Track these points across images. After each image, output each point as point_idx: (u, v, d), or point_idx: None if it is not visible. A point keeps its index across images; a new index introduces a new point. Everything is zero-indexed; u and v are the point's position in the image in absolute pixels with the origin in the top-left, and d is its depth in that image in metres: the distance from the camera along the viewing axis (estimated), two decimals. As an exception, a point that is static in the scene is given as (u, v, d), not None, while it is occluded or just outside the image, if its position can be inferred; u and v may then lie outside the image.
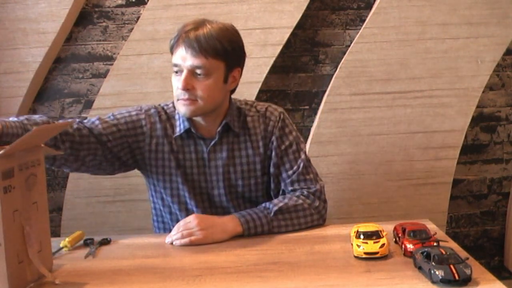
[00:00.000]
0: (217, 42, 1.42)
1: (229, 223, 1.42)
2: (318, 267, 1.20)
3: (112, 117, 1.53)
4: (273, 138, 1.55)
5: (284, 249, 1.33)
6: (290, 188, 1.54)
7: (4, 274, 1.06)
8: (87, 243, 1.43)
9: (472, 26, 2.07)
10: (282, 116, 1.58)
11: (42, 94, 2.12)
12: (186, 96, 1.43)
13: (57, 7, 2.00)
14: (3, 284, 1.06)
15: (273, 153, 1.55)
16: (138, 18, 2.06)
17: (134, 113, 1.55)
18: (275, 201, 1.50)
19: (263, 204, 1.49)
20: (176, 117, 1.54)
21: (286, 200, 1.49)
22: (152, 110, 1.56)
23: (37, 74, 2.04)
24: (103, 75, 2.09)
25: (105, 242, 1.44)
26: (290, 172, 1.54)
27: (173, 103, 1.56)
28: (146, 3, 2.06)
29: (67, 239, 1.41)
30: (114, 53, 2.10)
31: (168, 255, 1.34)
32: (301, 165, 1.55)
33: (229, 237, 1.41)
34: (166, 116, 1.55)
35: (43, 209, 1.22)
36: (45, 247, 1.21)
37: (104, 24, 2.10)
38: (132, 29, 2.05)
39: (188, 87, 1.42)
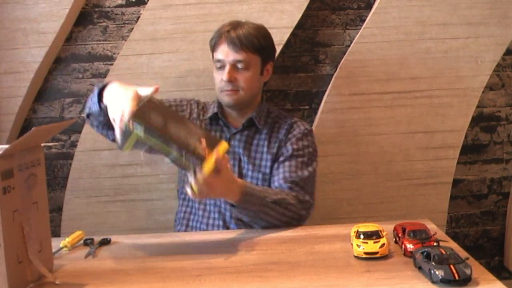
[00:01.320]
0: (255, 39, 1.65)
1: (235, 191, 1.43)
2: (318, 267, 1.20)
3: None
4: (289, 143, 1.67)
5: (284, 249, 1.34)
6: (287, 185, 1.59)
7: (4, 274, 1.06)
8: (87, 243, 1.44)
9: (472, 26, 2.07)
10: (306, 131, 1.73)
11: (42, 94, 2.12)
12: (230, 87, 1.64)
13: (57, 7, 2.00)
14: (3, 284, 1.06)
15: (285, 155, 1.65)
16: (138, 18, 2.06)
17: (178, 98, 1.81)
18: (276, 190, 1.55)
19: (267, 188, 1.57)
20: (208, 107, 1.78)
21: (284, 195, 1.53)
22: (192, 101, 1.81)
23: (37, 74, 2.04)
24: (103, 75, 2.09)
25: (105, 242, 1.44)
26: (293, 174, 1.60)
27: (206, 101, 1.82)
28: (146, 3, 2.06)
29: (67, 239, 1.42)
30: (114, 53, 2.10)
31: (168, 255, 1.34)
32: (306, 174, 1.62)
33: (227, 194, 1.44)
34: (202, 107, 1.79)
35: (43, 209, 1.22)
36: (46, 247, 1.22)
37: (104, 24, 2.10)
38: (132, 29, 2.05)
39: (231, 79, 1.63)
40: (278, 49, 2.04)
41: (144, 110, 1.23)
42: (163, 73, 2.05)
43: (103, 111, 1.40)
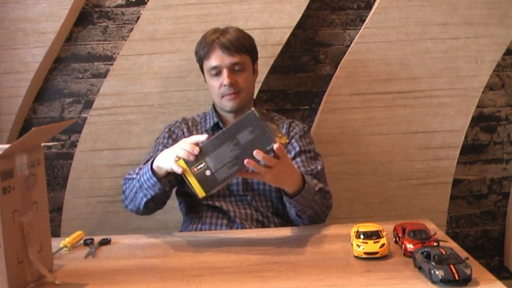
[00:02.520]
0: (244, 41, 1.69)
1: (296, 179, 1.45)
2: (318, 267, 1.20)
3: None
4: (293, 140, 1.70)
5: (284, 249, 1.34)
6: (309, 178, 1.60)
7: (4, 274, 1.06)
8: (87, 243, 1.44)
9: (472, 26, 2.07)
10: (305, 129, 1.77)
11: (42, 94, 2.12)
12: (232, 91, 1.65)
13: (57, 7, 2.00)
14: (3, 284, 1.06)
15: (293, 152, 1.68)
16: (138, 18, 2.06)
17: (167, 130, 1.77)
18: (314, 181, 1.58)
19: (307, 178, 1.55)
20: (202, 120, 1.78)
21: (322, 184, 1.59)
22: (178, 123, 1.79)
23: (37, 74, 2.04)
24: (103, 75, 2.09)
25: (105, 242, 1.44)
26: (309, 168, 1.64)
27: (198, 115, 1.81)
28: (146, 3, 2.06)
29: (67, 239, 1.42)
30: (114, 53, 2.10)
31: (168, 255, 1.34)
32: (319, 168, 1.67)
33: (288, 184, 1.44)
34: (192, 123, 1.78)
35: (43, 209, 1.22)
36: (45, 247, 1.22)
37: (104, 24, 2.10)
38: (132, 29, 2.05)
39: (232, 82, 1.65)
40: (278, 49, 2.04)
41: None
42: (163, 73, 2.05)
43: (162, 183, 1.49)
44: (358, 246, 1.22)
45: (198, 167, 1.30)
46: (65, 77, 2.12)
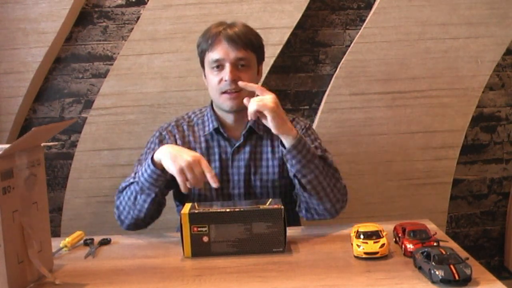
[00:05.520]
0: (252, 37, 1.58)
1: (292, 128, 1.45)
2: (318, 267, 1.20)
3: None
4: None
5: (284, 249, 1.33)
6: None
7: (4, 274, 1.06)
8: (87, 243, 1.44)
9: (472, 26, 2.07)
10: (308, 125, 1.68)
11: (42, 94, 2.12)
12: (233, 87, 1.53)
13: (57, 7, 2.00)
14: (3, 284, 1.06)
15: None
16: (138, 18, 2.06)
17: (156, 140, 1.64)
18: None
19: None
20: (199, 121, 1.66)
21: (324, 154, 1.55)
22: (171, 126, 1.66)
23: (37, 74, 2.04)
24: (103, 75, 2.09)
25: (105, 242, 1.44)
26: None
27: (195, 113, 1.69)
28: (146, 3, 2.06)
29: (67, 239, 1.42)
30: (114, 53, 2.10)
31: (168, 255, 1.34)
32: (330, 158, 1.57)
33: (286, 129, 1.43)
34: (187, 125, 1.66)
35: (43, 209, 1.22)
36: (45, 247, 1.22)
37: (104, 24, 2.10)
38: (132, 29, 2.05)
39: (235, 78, 1.52)
40: (278, 49, 2.04)
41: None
42: (163, 73, 2.05)
43: (166, 174, 1.43)
44: (358, 246, 1.22)
45: (200, 228, 1.28)
46: (65, 77, 2.12)
